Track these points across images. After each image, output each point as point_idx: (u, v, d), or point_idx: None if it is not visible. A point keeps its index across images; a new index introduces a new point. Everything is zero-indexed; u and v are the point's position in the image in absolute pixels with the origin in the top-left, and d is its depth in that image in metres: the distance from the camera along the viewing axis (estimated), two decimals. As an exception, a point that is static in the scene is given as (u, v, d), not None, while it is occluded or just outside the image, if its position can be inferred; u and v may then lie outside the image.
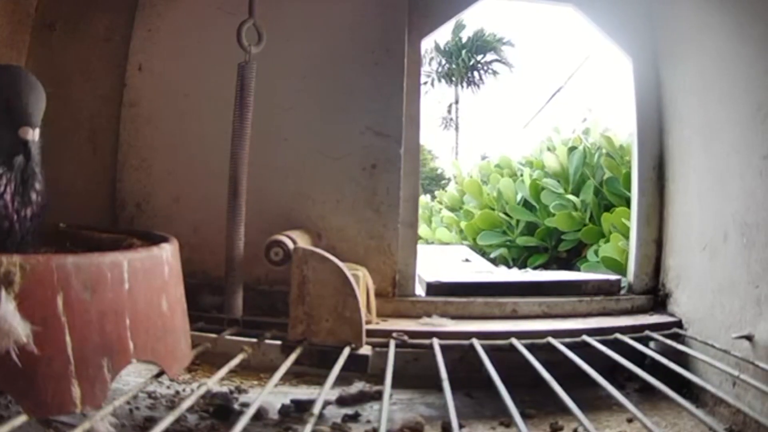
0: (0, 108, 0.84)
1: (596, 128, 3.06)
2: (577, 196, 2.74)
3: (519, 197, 3.08)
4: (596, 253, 2.39)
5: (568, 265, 2.66)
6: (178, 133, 1.45)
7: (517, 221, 3.01)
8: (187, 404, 0.79)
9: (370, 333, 1.17)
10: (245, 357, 1.04)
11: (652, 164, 1.54)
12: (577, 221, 2.67)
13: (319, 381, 1.15)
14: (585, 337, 1.25)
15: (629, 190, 2.36)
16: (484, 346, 1.17)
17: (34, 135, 0.85)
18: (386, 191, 1.44)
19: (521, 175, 3.17)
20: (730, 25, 1.25)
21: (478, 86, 22.96)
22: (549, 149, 3.14)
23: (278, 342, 1.13)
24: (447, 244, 3.35)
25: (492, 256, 2.94)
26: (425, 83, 22.06)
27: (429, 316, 1.37)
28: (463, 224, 3.34)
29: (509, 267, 2.73)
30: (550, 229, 2.83)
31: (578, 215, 2.67)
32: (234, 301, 1.20)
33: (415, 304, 1.43)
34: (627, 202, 2.44)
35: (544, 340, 1.23)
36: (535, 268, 2.60)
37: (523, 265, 2.76)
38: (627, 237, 2.11)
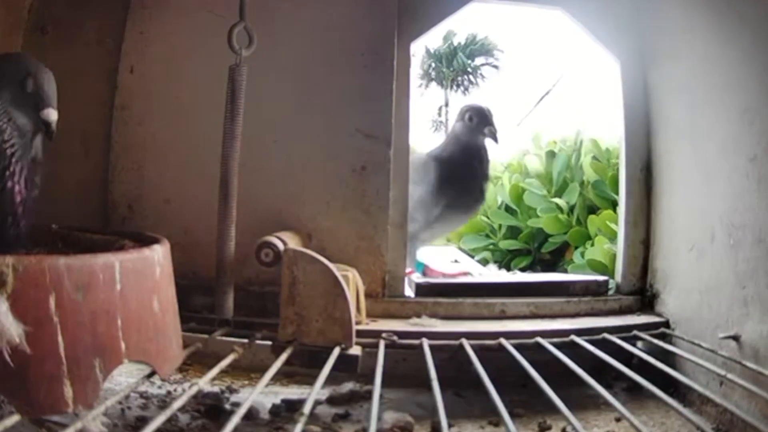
0: (17, 90, 0.86)
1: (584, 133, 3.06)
2: (560, 198, 2.74)
3: (500, 201, 3.08)
4: (582, 255, 2.40)
5: (552, 266, 2.66)
6: (170, 136, 1.45)
7: (500, 225, 3.01)
8: (178, 404, 0.79)
9: (360, 333, 1.17)
10: (236, 357, 1.04)
11: (639, 166, 1.55)
12: (563, 223, 2.67)
13: (310, 381, 1.15)
14: (573, 337, 1.26)
15: (615, 192, 2.36)
16: (473, 346, 1.18)
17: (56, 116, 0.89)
18: (376, 193, 1.44)
19: (500, 180, 3.16)
20: (717, 27, 1.26)
21: (468, 90, 22.97)
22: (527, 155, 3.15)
23: (269, 342, 1.14)
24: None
25: (476, 259, 2.93)
26: (420, 85, 22.04)
27: (418, 316, 1.37)
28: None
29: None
30: (534, 231, 2.83)
31: (564, 218, 2.68)
32: (225, 302, 1.20)
33: (405, 305, 1.43)
34: (613, 204, 2.45)
35: (532, 340, 1.24)
36: (519, 271, 2.61)
37: (507, 268, 2.76)
38: (612, 240, 2.12)
